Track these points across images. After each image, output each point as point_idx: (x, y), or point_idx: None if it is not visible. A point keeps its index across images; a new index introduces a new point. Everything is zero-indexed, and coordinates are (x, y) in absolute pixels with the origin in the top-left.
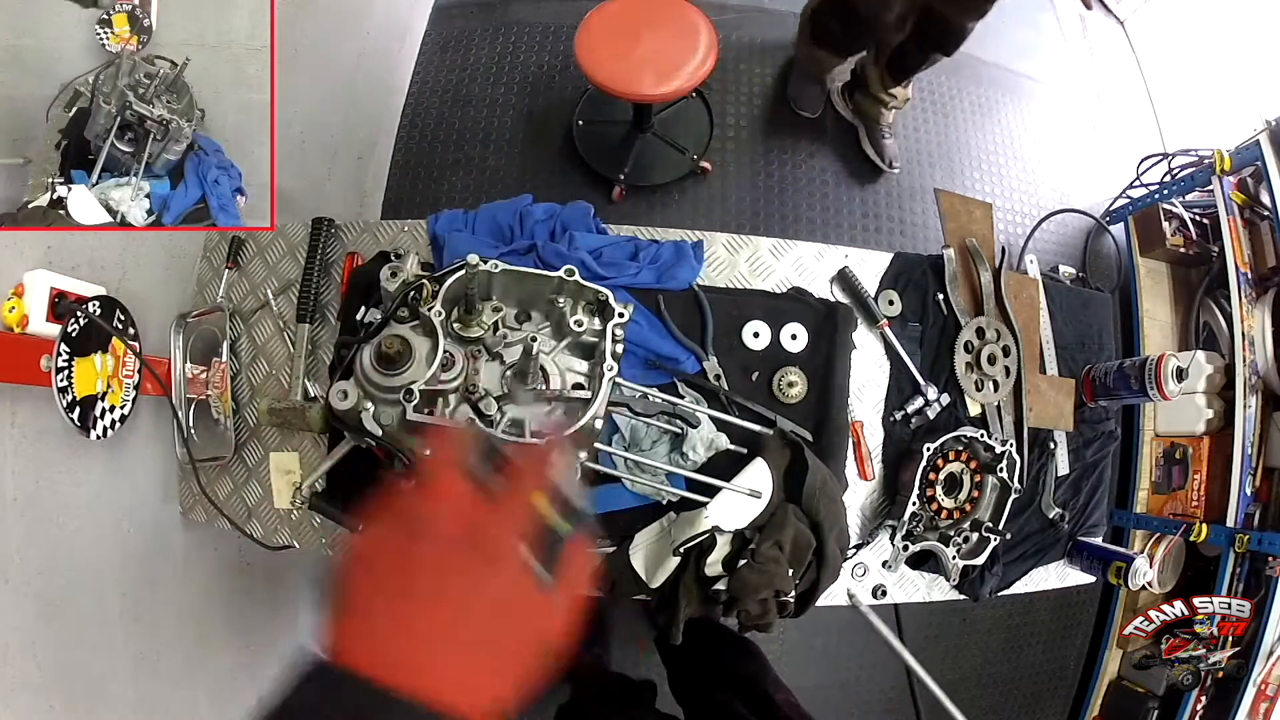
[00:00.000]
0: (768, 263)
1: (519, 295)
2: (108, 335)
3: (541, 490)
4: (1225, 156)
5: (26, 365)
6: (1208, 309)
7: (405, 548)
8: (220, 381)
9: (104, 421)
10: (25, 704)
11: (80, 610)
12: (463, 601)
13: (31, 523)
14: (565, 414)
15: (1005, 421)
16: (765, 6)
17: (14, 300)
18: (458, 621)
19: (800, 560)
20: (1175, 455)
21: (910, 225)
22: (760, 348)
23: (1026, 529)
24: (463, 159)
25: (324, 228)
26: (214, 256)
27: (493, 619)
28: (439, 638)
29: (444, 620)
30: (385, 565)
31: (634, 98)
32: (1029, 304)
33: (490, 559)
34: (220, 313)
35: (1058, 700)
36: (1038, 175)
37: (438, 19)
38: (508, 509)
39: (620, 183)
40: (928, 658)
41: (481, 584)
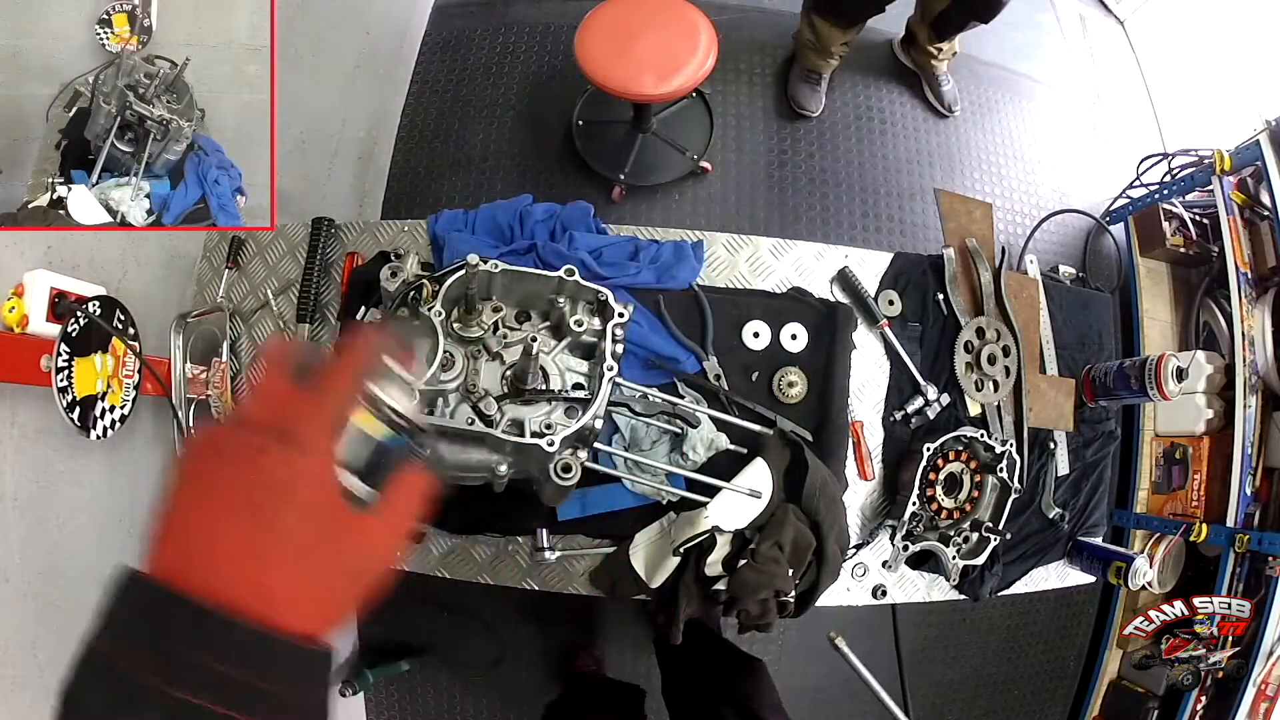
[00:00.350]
0: (768, 263)
1: (519, 295)
2: (108, 335)
3: (361, 395)
4: (1225, 156)
5: (26, 365)
6: (1208, 309)
7: (219, 459)
8: (220, 381)
9: (104, 421)
10: (25, 703)
11: (80, 610)
12: (271, 514)
13: (31, 523)
14: (566, 414)
15: (1005, 421)
16: (765, 6)
17: (14, 300)
18: (267, 536)
19: (800, 560)
20: (1175, 455)
21: (910, 225)
22: (760, 348)
23: (1026, 529)
24: (462, 159)
25: (324, 228)
26: (214, 256)
27: (303, 534)
28: (250, 552)
29: (253, 533)
30: (201, 478)
31: (634, 98)
32: (1029, 304)
33: (298, 472)
34: (220, 313)
35: (1058, 700)
36: (1038, 175)
37: (438, 19)
38: (317, 415)
39: (620, 183)
40: (928, 658)
41: (289, 496)
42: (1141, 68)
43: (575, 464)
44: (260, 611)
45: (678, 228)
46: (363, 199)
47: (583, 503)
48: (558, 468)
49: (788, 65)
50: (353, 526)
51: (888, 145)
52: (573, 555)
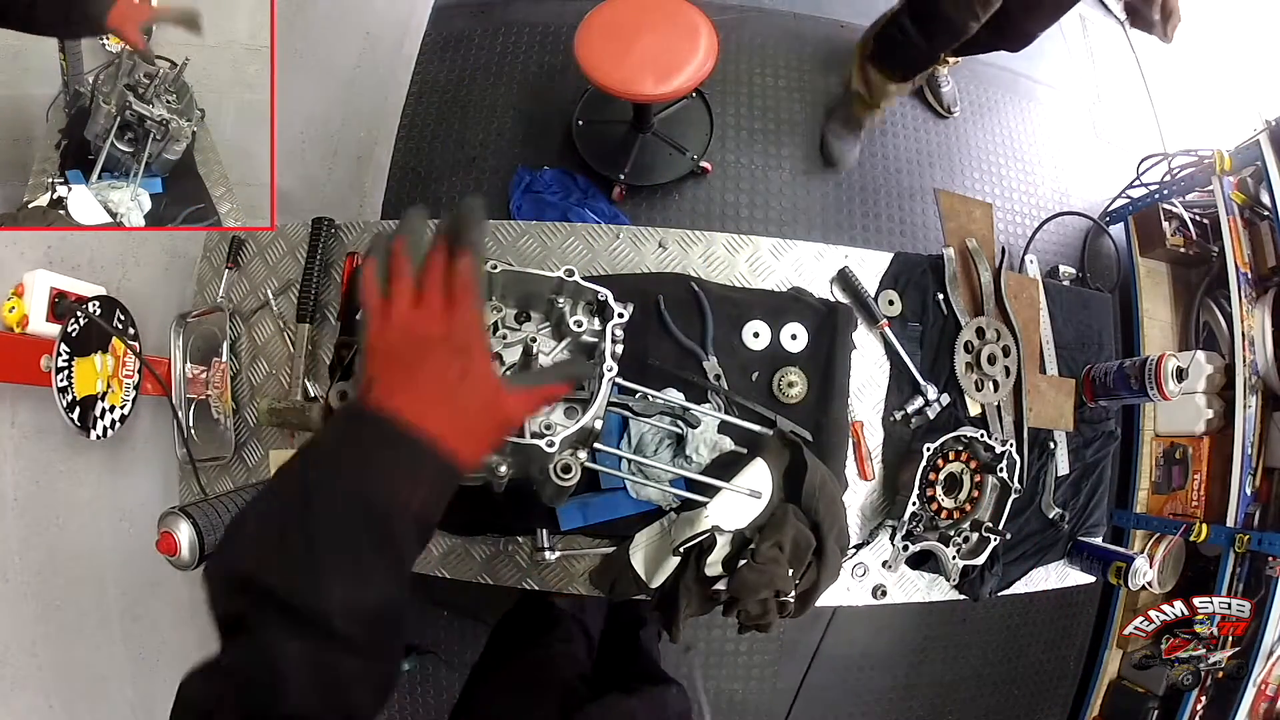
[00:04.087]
0: (768, 263)
1: (518, 295)
2: (108, 335)
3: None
4: (1225, 156)
5: (26, 365)
6: (1208, 309)
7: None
8: (220, 381)
9: (104, 421)
10: (25, 703)
11: (80, 610)
12: (457, 389)
13: (31, 523)
14: (565, 414)
15: (1005, 421)
16: (765, 6)
17: (14, 300)
18: (451, 392)
19: (800, 560)
20: (1175, 455)
21: (910, 225)
22: (760, 348)
23: (1026, 529)
24: (463, 159)
25: (324, 228)
26: (214, 256)
27: (466, 392)
28: (438, 402)
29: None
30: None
31: (634, 98)
32: (1029, 304)
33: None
34: (220, 313)
35: (1058, 700)
36: (1038, 175)
37: (438, 19)
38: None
39: (620, 183)
40: (928, 658)
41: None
42: (1141, 68)
43: (575, 464)
44: (440, 441)
45: (678, 228)
46: (363, 199)
47: (584, 512)
48: (557, 468)
49: (788, 64)
50: (504, 401)
51: (888, 145)
52: (573, 555)
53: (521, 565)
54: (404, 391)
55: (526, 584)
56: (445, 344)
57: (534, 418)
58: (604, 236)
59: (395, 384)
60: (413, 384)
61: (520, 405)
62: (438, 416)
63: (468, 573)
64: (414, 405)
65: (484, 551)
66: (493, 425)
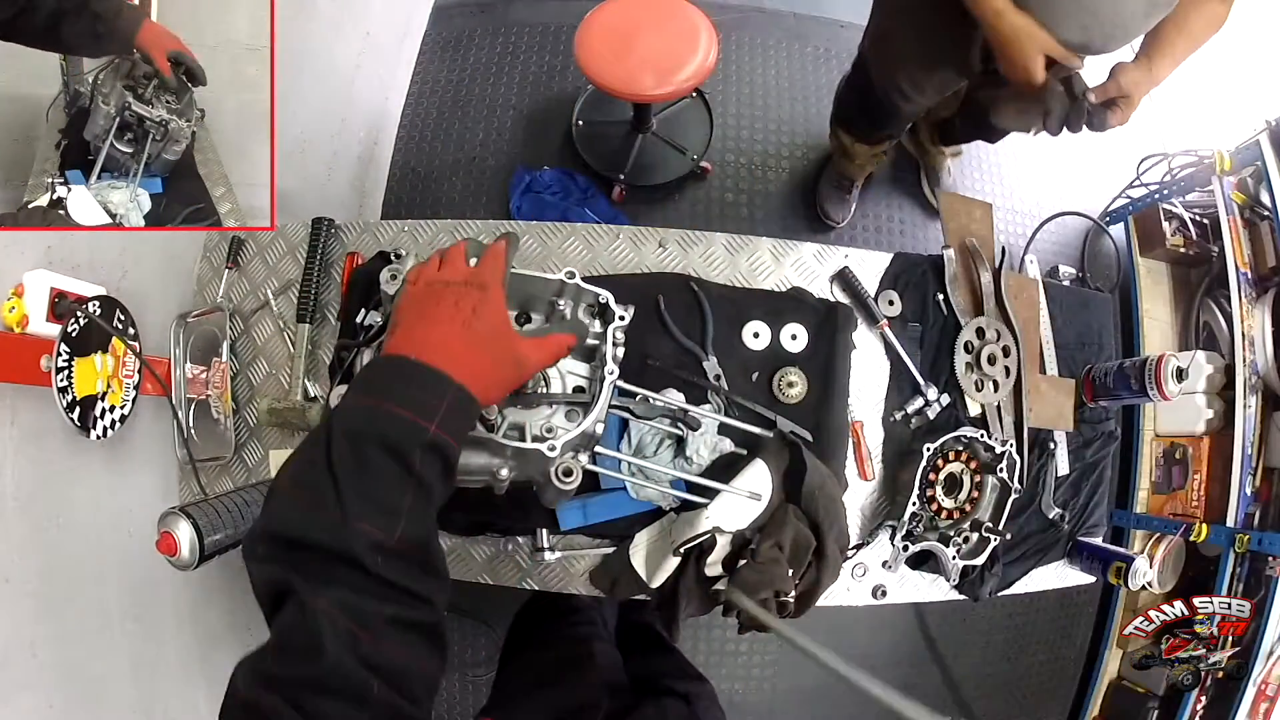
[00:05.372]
0: (768, 263)
1: (519, 297)
2: (108, 335)
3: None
4: (1225, 156)
5: (26, 365)
6: (1208, 309)
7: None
8: (220, 381)
9: (104, 421)
10: (25, 704)
11: (80, 610)
12: (470, 323)
13: (31, 523)
14: (566, 417)
15: (1005, 421)
16: (765, 6)
17: (14, 300)
18: (465, 335)
19: (800, 560)
20: (1175, 455)
21: (910, 225)
22: (760, 348)
23: (1026, 529)
24: (463, 159)
25: (324, 228)
26: (214, 256)
27: (486, 338)
28: (454, 344)
29: (457, 333)
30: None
31: (634, 98)
32: (1029, 304)
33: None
34: (220, 313)
35: (1058, 700)
36: (1038, 175)
37: (438, 19)
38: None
39: (620, 183)
40: (928, 658)
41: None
42: None
43: (576, 468)
44: (453, 374)
45: (677, 228)
46: (363, 199)
47: (584, 512)
48: (559, 472)
49: (788, 64)
50: (516, 341)
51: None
52: (573, 555)
53: (522, 565)
54: (419, 331)
55: (527, 584)
56: (463, 285)
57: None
58: (604, 236)
59: (412, 327)
60: (426, 323)
61: (534, 349)
62: (450, 349)
63: (467, 573)
64: (427, 341)
65: (484, 552)
66: (507, 362)
